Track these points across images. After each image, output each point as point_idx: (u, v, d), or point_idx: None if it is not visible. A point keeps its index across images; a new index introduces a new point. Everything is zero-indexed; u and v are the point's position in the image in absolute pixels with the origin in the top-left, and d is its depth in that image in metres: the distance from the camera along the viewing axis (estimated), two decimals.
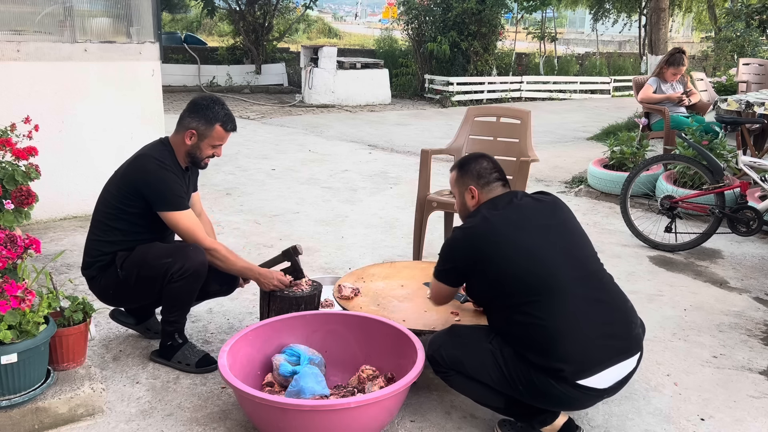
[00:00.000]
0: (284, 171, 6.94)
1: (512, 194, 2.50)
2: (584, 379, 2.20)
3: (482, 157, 2.61)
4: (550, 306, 2.23)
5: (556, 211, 2.48)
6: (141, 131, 5.20)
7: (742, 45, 11.77)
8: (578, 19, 35.55)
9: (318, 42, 22.49)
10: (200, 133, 2.84)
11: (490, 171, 2.54)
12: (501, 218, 2.38)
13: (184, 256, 2.72)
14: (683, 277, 4.26)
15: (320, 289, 3.06)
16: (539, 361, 2.21)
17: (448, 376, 2.41)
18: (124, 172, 2.87)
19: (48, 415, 2.40)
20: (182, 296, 2.79)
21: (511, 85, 14.80)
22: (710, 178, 4.65)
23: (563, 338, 2.20)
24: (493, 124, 4.41)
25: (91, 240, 2.90)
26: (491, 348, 2.32)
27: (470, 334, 2.42)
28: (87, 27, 5.00)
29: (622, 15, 19.94)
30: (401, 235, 4.89)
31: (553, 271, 2.28)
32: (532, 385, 2.24)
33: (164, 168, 2.78)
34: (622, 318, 2.32)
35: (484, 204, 2.49)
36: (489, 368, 2.30)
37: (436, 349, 2.41)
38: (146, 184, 2.76)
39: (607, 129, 9.79)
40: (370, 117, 11.57)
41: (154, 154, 2.83)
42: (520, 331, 2.27)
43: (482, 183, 2.52)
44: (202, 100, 2.87)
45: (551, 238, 2.35)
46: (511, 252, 2.31)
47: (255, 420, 2.40)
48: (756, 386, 2.94)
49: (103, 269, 2.86)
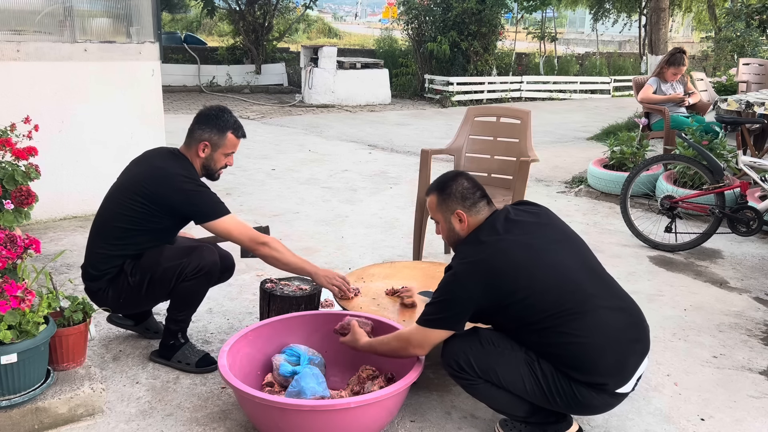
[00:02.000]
0: (284, 171, 6.94)
1: (503, 212, 2.36)
2: (622, 387, 2.22)
3: (460, 175, 2.43)
4: (585, 322, 2.17)
5: (552, 219, 2.42)
6: (141, 131, 5.22)
7: (742, 45, 11.77)
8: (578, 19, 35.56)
9: (318, 42, 22.48)
10: (213, 143, 2.83)
11: (473, 190, 2.37)
12: (514, 243, 2.23)
13: (198, 256, 2.73)
14: (683, 277, 4.26)
15: (320, 289, 3.06)
16: (583, 378, 2.18)
17: (474, 384, 2.27)
18: (146, 190, 2.72)
19: (48, 415, 2.40)
20: (193, 295, 2.80)
21: (511, 85, 14.81)
22: (710, 178, 4.65)
23: (603, 352, 2.17)
24: (493, 124, 4.41)
25: (99, 253, 2.79)
26: (528, 359, 2.22)
27: (503, 343, 2.26)
28: (87, 27, 5.00)
29: (622, 15, 19.94)
30: (401, 235, 4.89)
31: (580, 286, 2.22)
32: (573, 398, 2.20)
33: (198, 183, 2.77)
34: (638, 320, 2.32)
35: (480, 230, 2.31)
36: (525, 380, 2.21)
37: (463, 356, 2.25)
38: (189, 204, 2.72)
39: (607, 129, 9.79)
40: (370, 117, 11.57)
41: (181, 171, 2.76)
42: (558, 351, 2.19)
43: (468, 205, 2.35)
44: (210, 111, 2.87)
45: (567, 252, 2.29)
46: (536, 275, 2.18)
47: (255, 420, 2.40)
48: (756, 386, 2.94)
49: (113, 280, 2.79)
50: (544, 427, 2.37)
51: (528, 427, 2.39)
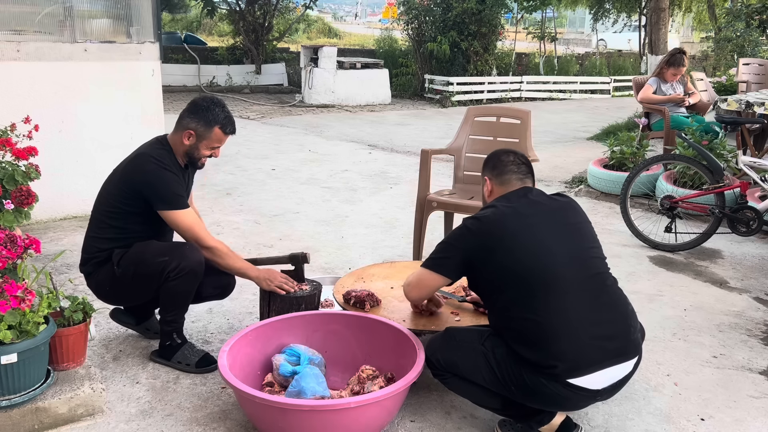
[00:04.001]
0: (284, 171, 6.94)
1: (527, 189, 2.51)
2: (576, 378, 2.20)
3: (508, 151, 2.64)
4: (547, 303, 2.24)
5: (569, 211, 2.48)
6: (141, 131, 5.20)
7: (742, 45, 11.77)
8: (578, 19, 35.55)
9: (318, 42, 22.48)
10: (198, 135, 2.84)
11: (508, 164, 2.56)
12: (511, 211, 2.39)
13: (180, 255, 2.72)
14: (683, 277, 4.26)
15: (320, 289, 3.06)
16: (532, 356, 2.22)
17: (445, 379, 2.44)
18: (123, 171, 2.86)
19: (48, 415, 2.40)
20: (179, 295, 2.79)
21: (511, 85, 14.80)
22: (710, 178, 4.65)
23: (558, 336, 2.21)
24: (493, 124, 4.41)
25: (88, 237, 2.92)
26: (483, 350, 2.33)
27: (464, 337, 2.43)
28: (87, 27, 5.00)
29: (622, 15, 19.93)
30: (401, 235, 4.89)
31: (554, 270, 2.28)
32: (524, 385, 2.24)
33: (163, 167, 2.78)
34: (621, 321, 2.32)
35: (499, 198, 2.50)
36: (482, 370, 2.32)
37: (432, 352, 2.43)
38: (146, 184, 2.76)
39: (607, 129, 9.78)
40: (370, 117, 11.57)
41: (153, 153, 2.83)
42: (515, 326, 2.28)
43: (496, 174, 2.56)
44: (202, 101, 2.87)
45: (558, 237, 2.35)
46: (514, 245, 2.31)
47: (255, 420, 2.40)
48: (756, 386, 2.94)
49: (100, 265, 2.87)
50: (528, 421, 2.39)
51: (522, 426, 2.41)
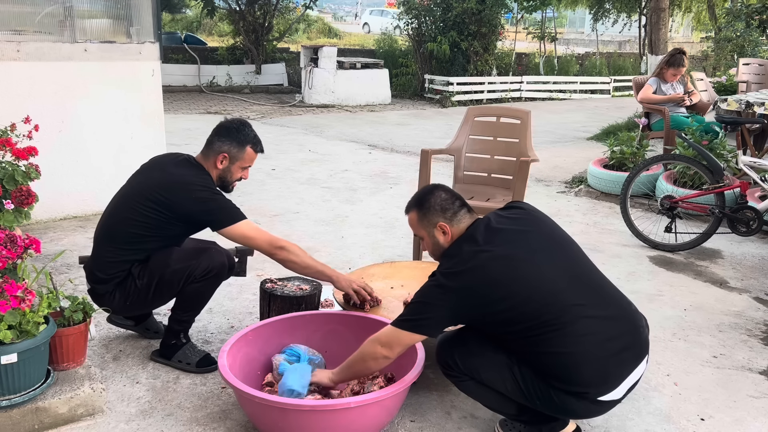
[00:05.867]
0: (284, 171, 6.94)
1: (484, 221, 2.32)
2: (605, 396, 2.20)
3: (436, 188, 2.43)
4: (564, 333, 2.15)
5: (540, 226, 2.35)
6: (141, 131, 5.22)
7: (742, 45, 11.78)
8: (578, 19, 35.54)
9: (318, 42, 22.46)
10: (232, 156, 2.83)
11: (452, 200, 2.37)
12: (492, 257, 2.18)
13: (208, 257, 2.74)
14: (683, 277, 4.26)
15: (320, 289, 3.06)
16: (561, 386, 2.18)
17: (462, 381, 2.33)
18: (165, 198, 2.69)
19: (48, 415, 2.40)
20: (200, 297, 2.81)
21: (511, 85, 14.80)
22: (710, 178, 4.65)
23: (583, 365, 2.15)
24: (493, 124, 4.42)
25: (107, 257, 2.76)
26: (508, 362, 2.24)
27: (486, 344, 2.29)
28: (87, 27, 5.00)
29: (622, 15, 19.93)
30: (401, 235, 4.89)
31: (558, 297, 2.18)
32: (551, 401, 2.20)
33: (213, 191, 2.76)
34: (631, 326, 2.28)
35: (461, 240, 2.29)
36: (507, 381, 2.24)
37: (450, 354, 2.32)
38: (206, 212, 2.71)
39: (607, 129, 9.78)
40: (370, 117, 11.57)
41: (197, 180, 2.75)
42: (537, 360, 2.19)
43: (449, 216, 2.34)
44: (231, 124, 2.87)
45: (548, 261, 2.23)
46: (513, 290, 2.16)
47: (255, 420, 2.40)
48: (756, 386, 2.94)
49: (120, 284, 2.78)
50: (539, 426, 2.36)
51: (527, 427, 2.39)
